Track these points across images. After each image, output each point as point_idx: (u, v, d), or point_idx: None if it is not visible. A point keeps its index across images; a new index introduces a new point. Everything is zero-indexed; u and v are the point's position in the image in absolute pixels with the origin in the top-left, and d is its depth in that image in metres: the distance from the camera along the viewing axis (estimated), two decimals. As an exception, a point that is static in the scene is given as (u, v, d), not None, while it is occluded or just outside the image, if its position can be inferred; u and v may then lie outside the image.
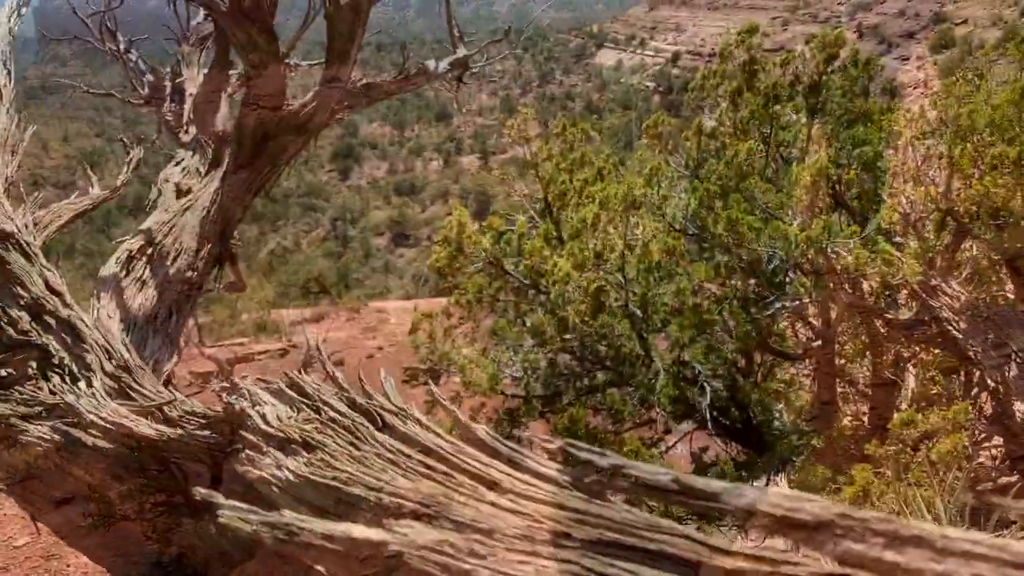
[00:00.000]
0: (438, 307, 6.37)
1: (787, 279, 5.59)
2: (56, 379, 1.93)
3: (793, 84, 6.15)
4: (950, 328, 4.99)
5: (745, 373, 5.81)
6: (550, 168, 6.31)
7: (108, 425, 1.50)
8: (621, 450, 4.84)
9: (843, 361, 6.55)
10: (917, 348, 6.05)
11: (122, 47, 5.07)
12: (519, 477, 0.68)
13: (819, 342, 5.84)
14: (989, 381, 5.14)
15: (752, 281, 5.57)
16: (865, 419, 6.42)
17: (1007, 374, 4.74)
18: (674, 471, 0.53)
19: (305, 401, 1.11)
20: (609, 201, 5.23)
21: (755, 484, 5.75)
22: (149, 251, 3.09)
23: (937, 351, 5.83)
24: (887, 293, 5.37)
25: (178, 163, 4.02)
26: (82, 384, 1.81)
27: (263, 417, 1.09)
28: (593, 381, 5.83)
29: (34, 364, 1.98)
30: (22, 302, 2.18)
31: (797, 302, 5.60)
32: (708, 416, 5.21)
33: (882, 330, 5.85)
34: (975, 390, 6.17)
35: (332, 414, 1.03)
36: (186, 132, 4.46)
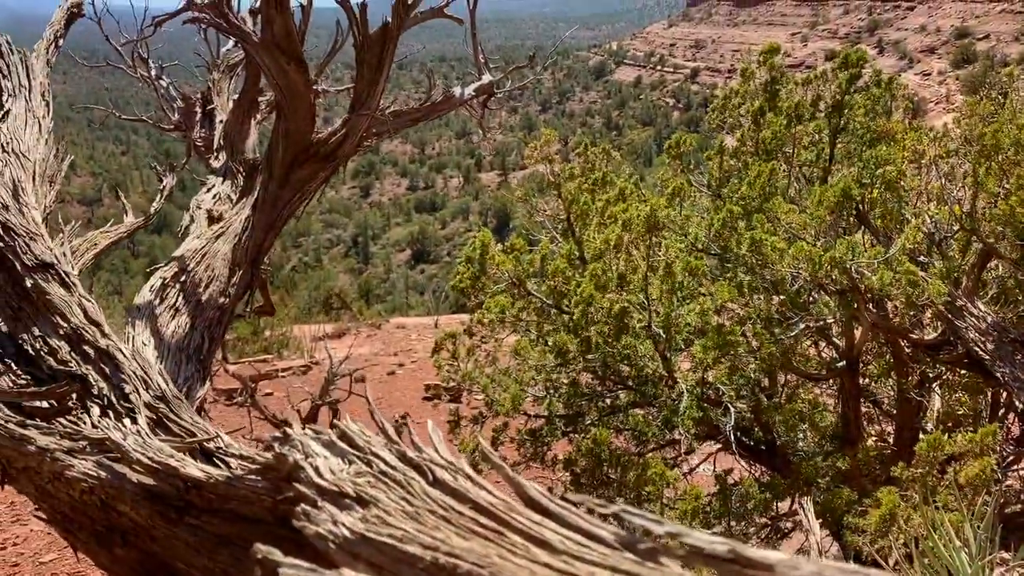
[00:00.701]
0: (460, 325, 6.39)
1: (811, 299, 5.57)
2: (96, 410, 1.96)
3: (815, 104, 6.15)
4: (977, 349, 4.96)
5: (769, 394, 5.79)
6: (572, 188, 6.34)
7: (155, 465, 1.52)
8: (645, 472, 4.84)
9: (867, 381, 6.51)
10: (943, 368, 6.01)
11: (153, 73, 5.17)
12: (571, 537, 0.68)
13: (843, 362, 5.81)
14: (1017, 403, 5.10)
15: (775, 300, 5.56)
16: (890, 439, 6.37)
17: (1035, 396, 4.71)
18: (730, 541, 0.54)
19: (356, 453, 1.11)
20: (632, 222, 5.25)
21: (780, 506, 5.71)
22: (182, 278, 3.14)
23: (963, 371, 5.79)
24: (912, 313, 5.34)
25: (209, 189, 4.09)
26: (127, 421, 1.84)
27: (316, 470, 1.10)
28: (616, 401, 5.83)
29: (73, 395, 2.01)
30: (61, 332, 2.22)
31: (821, 322, 5.58)
32: (732, 437, 5.19)
33: (907, 350, 5.82)
34: (1002, 411, 6.12)
35: (383, 467, 1.02)
36: (216, 158, 4.53)
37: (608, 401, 5.84)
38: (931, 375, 6.12)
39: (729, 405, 5.18)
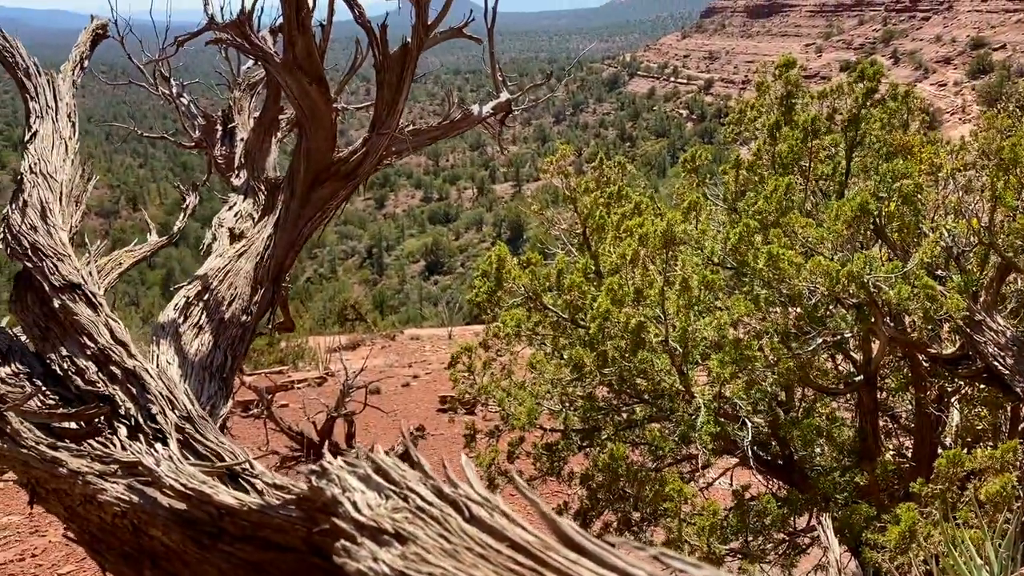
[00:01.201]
0: (474, 337, 6.41)
1: (828, 313, 5.55)
2: (123, 431, 1.98)
3: (831, 117, 6.14)
4: (996, 364, 4.92)
5: (786, 408, 5.77)
6: (588, 202, 6.35)
7: (188, 491, 1.54)
8: (662, 488, 4.82)
9: (885, 395, 6.47)
10: (961, 383, 5.96)
11: (175, 91, 5.23)
12: (608, 577, 0.70)
13: (861, 377, 5.78)
14: (1037, 418, 5.05)
15: (792, 314, 5.54)
16: (909, 454, 6.33)
17: (1056, 412, 4.67)
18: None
19: (392, 488, 1.11)
20: (648, 237, 5.25)
21: (798, 521, 5.68)
22: (205, 297, 3.18)
23: (982, 386, 5.74)
24: (930, 328, 5.31)
25: (231, 207, 4.13)
26: (158, 445, 1.86)
27: (354, 505, 1.10)
28: (632, 416, 5.82)
29: (101, 417, 2.04)
30: (88, 352, 2.26)
31: (838, 336, 5.56)
32: (749, 452, 5.17)
33: (925, 365, 5.78)
34: (1022, 426, 6.06)
35: (420, 503, 1.02)
36: (237, 176, 4.58)
37: (624, 415, 5.83)
38: (949, 390, 6.08)
39: (746, 420, 5.16)
